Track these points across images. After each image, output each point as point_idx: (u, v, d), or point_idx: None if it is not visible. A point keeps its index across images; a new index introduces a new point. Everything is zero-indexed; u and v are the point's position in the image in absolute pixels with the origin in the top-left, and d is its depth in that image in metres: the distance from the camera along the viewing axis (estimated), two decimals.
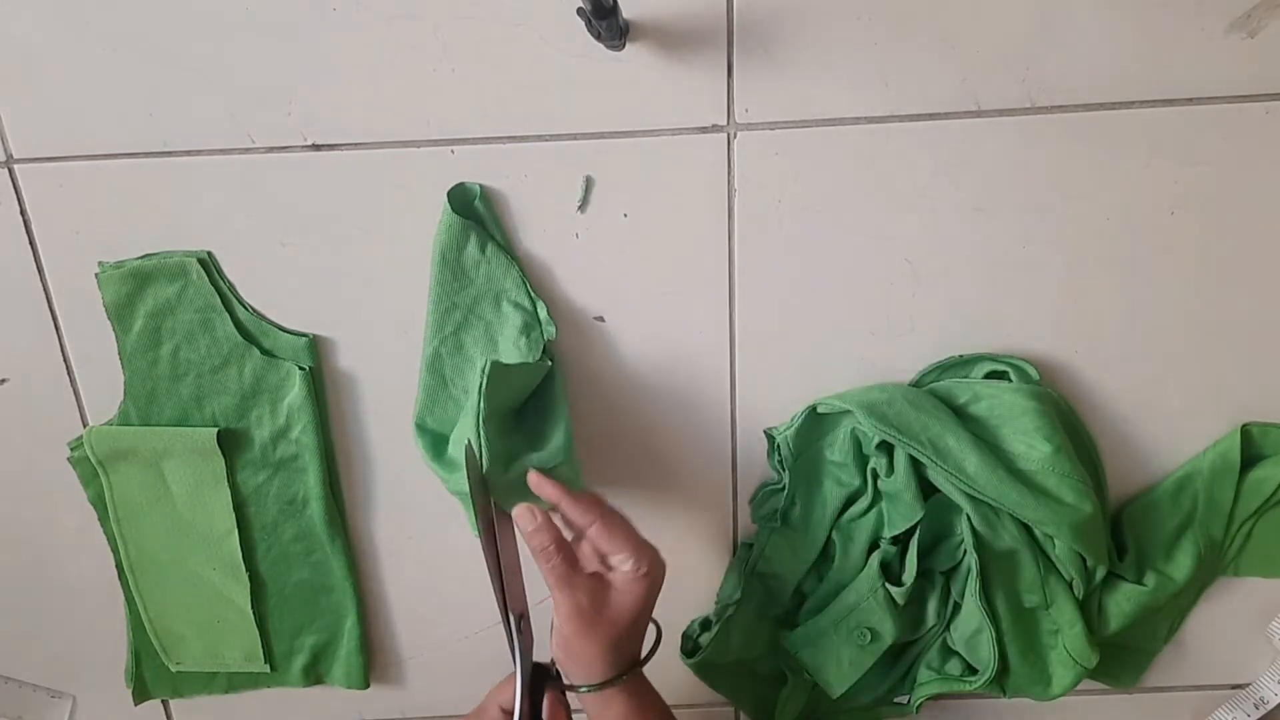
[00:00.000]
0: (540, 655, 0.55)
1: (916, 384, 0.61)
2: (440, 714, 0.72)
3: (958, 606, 0.62)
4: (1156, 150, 0.56)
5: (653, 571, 0.53)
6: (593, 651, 0.52)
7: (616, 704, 0.52)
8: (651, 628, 0.56)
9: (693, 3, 0.53)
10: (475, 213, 0.57)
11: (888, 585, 0.60)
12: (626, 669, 0.53)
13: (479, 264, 0.57)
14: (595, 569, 0.53)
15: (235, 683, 0.70)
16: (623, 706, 0.52)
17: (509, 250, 0.58)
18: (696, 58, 0.54)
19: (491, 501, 0.53)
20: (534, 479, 0.54)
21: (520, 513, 0.53)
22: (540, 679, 0.55)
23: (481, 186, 0.56)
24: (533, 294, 0.58)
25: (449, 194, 0.56)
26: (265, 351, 0.60)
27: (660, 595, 0.55)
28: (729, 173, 0.56)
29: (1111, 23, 0.53)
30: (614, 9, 0.47)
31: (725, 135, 0.56)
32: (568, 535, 0.54)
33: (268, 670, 0.69)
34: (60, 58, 0.55)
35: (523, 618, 0.54)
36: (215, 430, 0.61)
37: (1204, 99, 0.55)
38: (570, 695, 0.55)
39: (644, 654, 0.55)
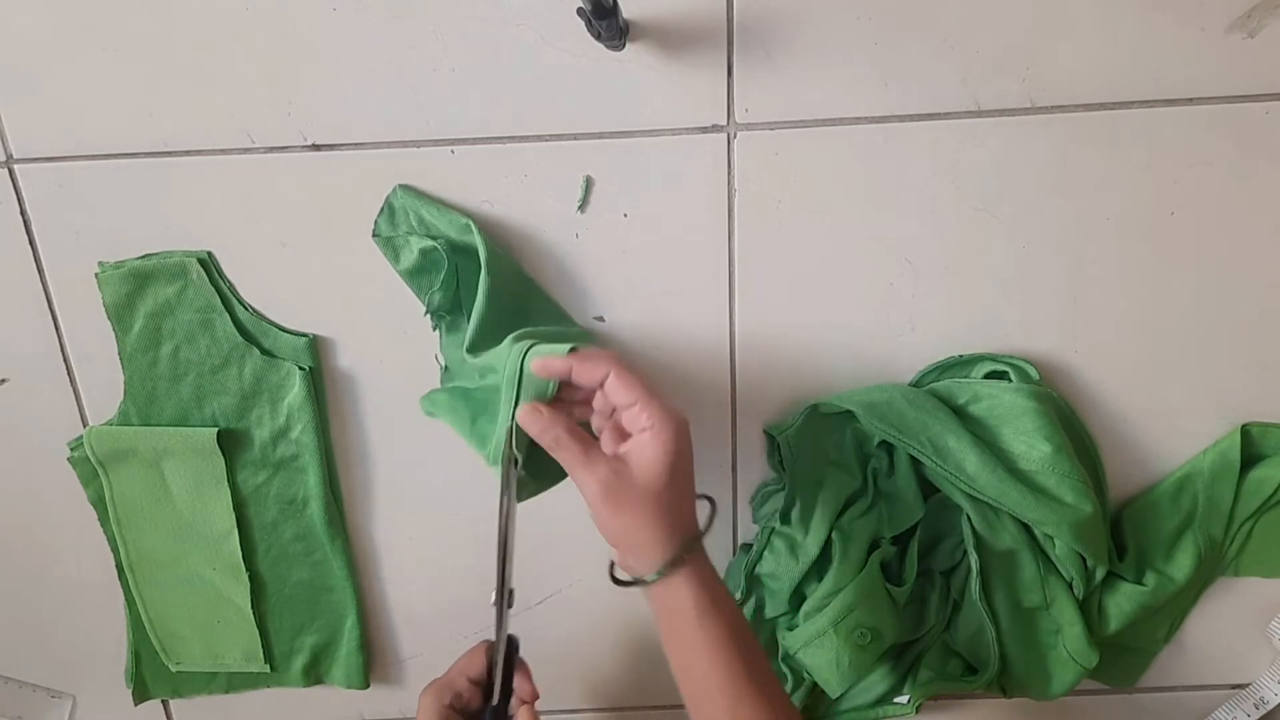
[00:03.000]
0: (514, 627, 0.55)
1: (916, 384, 0.61)
2: None
3: (958, 606, 0.62)
4: (1156, 150, 0.56)
5: (661, 429, 0.48)
6: (636, 527, 0.48)
7: (683, 592, 0.49)
8: (706, 504, 0.54)
9: (693, 3, 0.53)
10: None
11: (888, 585, 0.60)
12: (684, 549, 0.49)
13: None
14: (615, 450, 0.50)
15: (235, 683, 0.70)
16: (690, 595, 0.49)
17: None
18: (696, 58, 0.54)
19: (513, 483, 0.53)
20: (538, 364, 0.50)
21: (525, 415, 0.50)
22: (512, 650, 0.55)
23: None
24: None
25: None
26: (265, 351, 0.60)
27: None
28: (729, 173, 0.56)
29: (1111, 23, 0.53)
30: (614, 9, 0.47)
31: (725, 135, 0.56)
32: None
33: (268, 670, 0.69)
34: (60, 58, 0.55)
35: (512, 593, 0.54)
36: (215, 430, 0.61)
37: (1204, 99, 0.55)
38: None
39: (704, 531, 0.51)
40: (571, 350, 0.50)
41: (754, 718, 0.49)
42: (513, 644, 0.55)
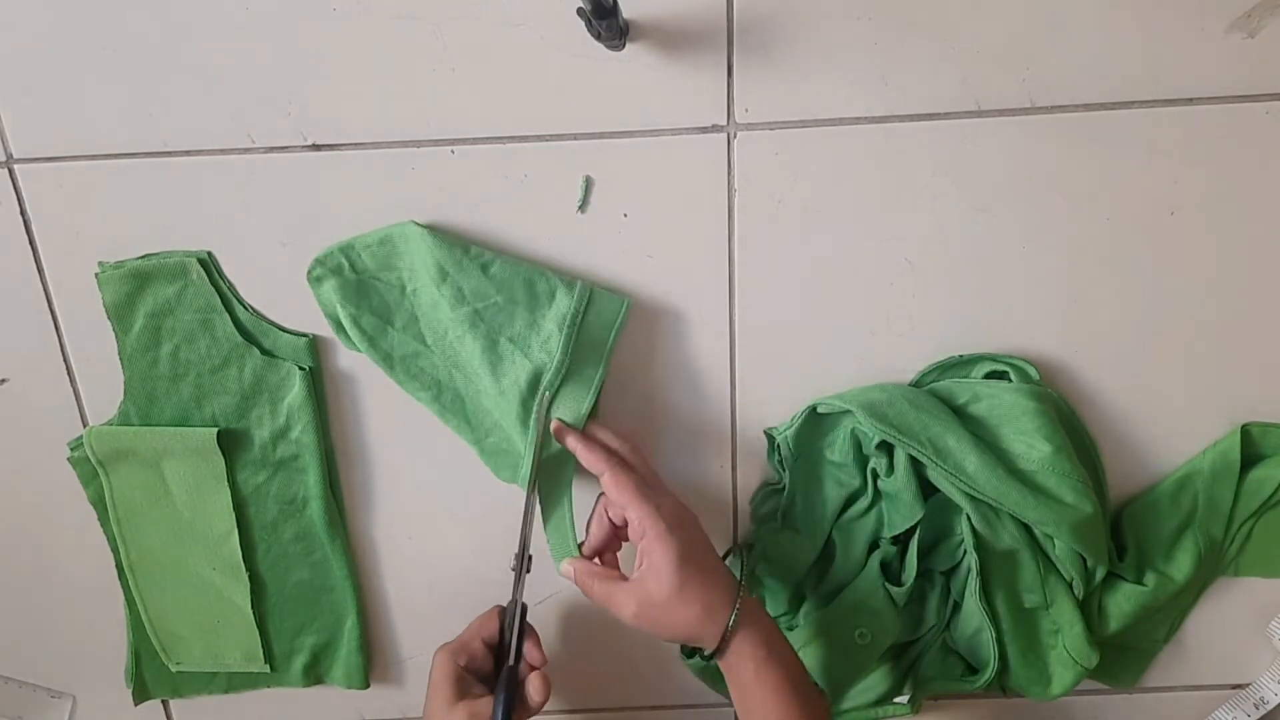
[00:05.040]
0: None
1: (916, 384, 0.61)
2: None
3: (958, 606, 0.62)
4: (1156, 150, 0.56)
5: (656, 537, 0.52)
6: (679, 628, 0.52)
7: (744, 652, 0.52)
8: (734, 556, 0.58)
9: (693, 3, 0.53)
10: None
11: (888, 585, 0.60)
12: (728, 618, 0.52)
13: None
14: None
15: (235, 683, 0.70)
16: (749, 653, 0.52)
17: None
18: (696, 58, 0.54)
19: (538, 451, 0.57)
20: (556, 427, 0.56)
21: (564, 571, 0.56)
22: (520, 616, 0.58)
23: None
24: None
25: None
26: (265, 351, 0.60)
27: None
28: (729, 173, 0.56)
29: (1111, 23, 0.53)
30: (614, 9, 0.47)
31: (725, 135, 0.56)
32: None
33: (268, 670, 0.69)
34: (60, 58, 0.55)
35: (530, 559, 0.58)
36: (215, 430, 0.61)
37: (1204, 99, 0.55)
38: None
39: (740, 579, 0.55)
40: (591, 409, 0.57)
41: None
42: (522, 610, 0.58)
